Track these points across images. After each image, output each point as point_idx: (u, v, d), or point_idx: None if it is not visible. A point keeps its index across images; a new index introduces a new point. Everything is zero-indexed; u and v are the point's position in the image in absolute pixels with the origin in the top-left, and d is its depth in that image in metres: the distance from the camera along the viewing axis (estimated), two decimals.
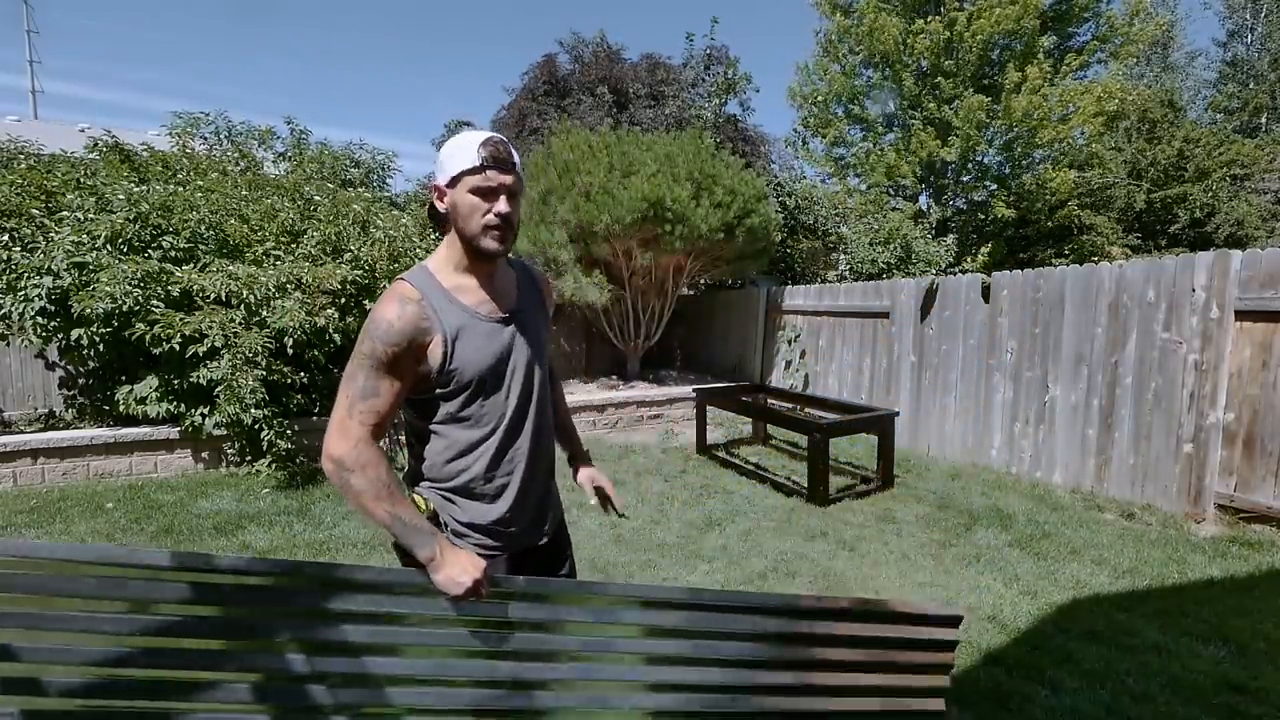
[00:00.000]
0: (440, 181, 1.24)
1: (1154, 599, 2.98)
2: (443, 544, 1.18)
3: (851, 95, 13.19)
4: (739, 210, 7.29)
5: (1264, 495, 3.73)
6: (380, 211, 6.09)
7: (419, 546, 1.16)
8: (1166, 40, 21.61)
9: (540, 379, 1.38)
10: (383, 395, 1.18)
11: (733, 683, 1.38)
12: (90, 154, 6.21)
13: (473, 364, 1.25)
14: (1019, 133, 11.62)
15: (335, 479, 1.15)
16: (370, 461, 1.14)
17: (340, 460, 1.14)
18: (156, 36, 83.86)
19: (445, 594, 1.16)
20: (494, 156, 1.19)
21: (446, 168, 1.22)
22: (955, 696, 2.21)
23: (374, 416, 1.17)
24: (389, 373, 1.18)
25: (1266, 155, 15.80)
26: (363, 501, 1.14)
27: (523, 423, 1.34)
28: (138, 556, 1.07)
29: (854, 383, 6.91)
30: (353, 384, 1.18)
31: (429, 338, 1.20)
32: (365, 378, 1.17)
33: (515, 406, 1.32)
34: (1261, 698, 2.22)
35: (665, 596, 1.35)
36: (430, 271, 1.28)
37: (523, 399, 1.33)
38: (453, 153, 1.21)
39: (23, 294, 4.48)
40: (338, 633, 1.16)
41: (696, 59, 12.30)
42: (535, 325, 1.38)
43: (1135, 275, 4.34)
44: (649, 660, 1.35)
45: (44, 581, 1.03)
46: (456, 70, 75.52)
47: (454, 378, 1.24)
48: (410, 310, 1.19)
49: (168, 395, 4.79)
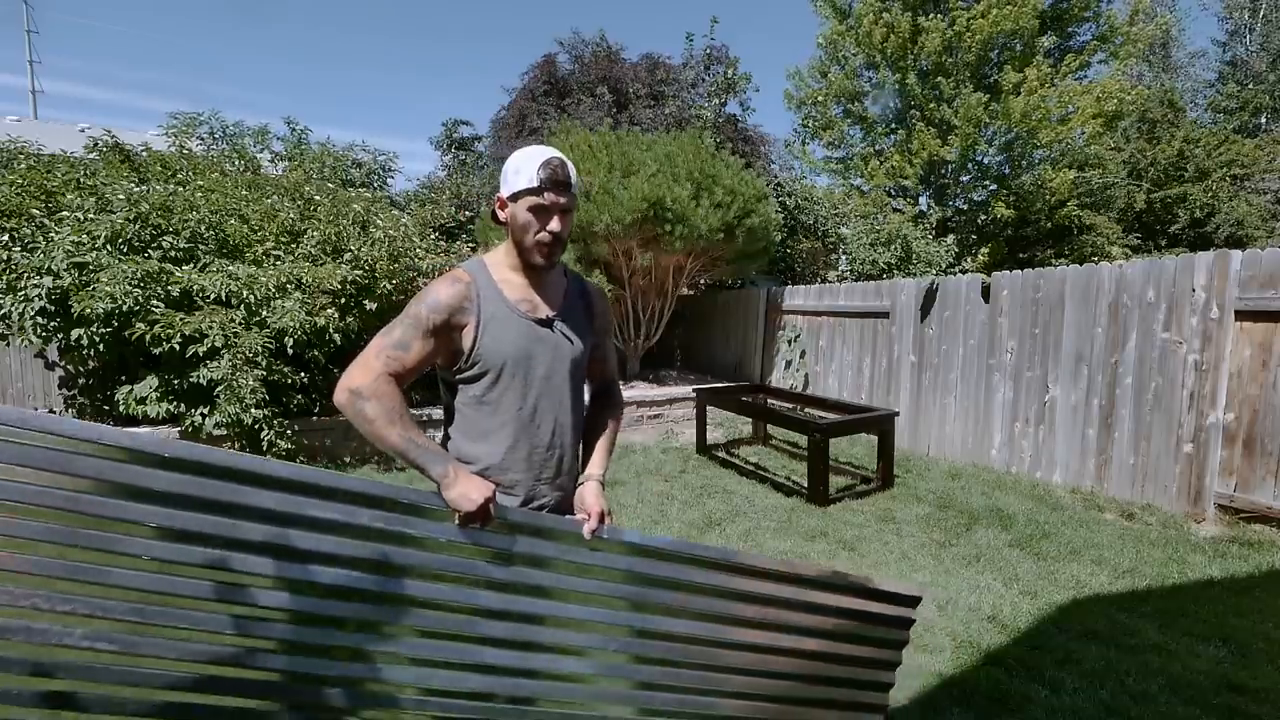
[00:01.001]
0: (503, 194, 1.35)
1: (1154, 599, 2.98)
2: (455, 464, 1.24)
3: (852, 96, 13.19)
4: (739, 210, 7.29)
5: (1264, 495, 3.73)
6: (380, 211, 6.09)
7: (432, 464, 1.22)
8: (1167, 40, 21.62)
9: (569, 386, 1.43)
10: (413, 351, 1.27)
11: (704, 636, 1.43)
12: (90, 154, 6.21)
13: (497, 352, 1.33)
14: (1019, 133, 11.62)
15: (349, 407, 1.21)
16: (385, 392, 1.22)
17: (357, 389, 1.21)
18: (156, 36, 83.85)
19: (455, 509, 1.20)
20: (552, 179, 1.30)
21: (510, 182, 1.32)
22: (956, 696, 2.21)
23: (398, 364, 1.25)
24: (425, 336, 1.28)
25: (1266, 155, 15.80)
26: (376, 427, 1.20)
27: (542, 423, 1.39)
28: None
29: (854, 383, 6.91)
30: (389, 334, 1.27)
31: (466, 318, 1.31)
32: (403, 332, 1.27)
33: (534, 405, 1.38)
34: (1261, 698, 2.22)
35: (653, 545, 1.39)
36: (486, 264, 1.39)
37: (544, 399, 1.39)
38: (517, 168, 1.31)
39: (23, 294, 4.48)
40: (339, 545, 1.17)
41: (696, 59, 12.30)
42: (572, 334, 1.43)
43: (1135, 275, 4.34)
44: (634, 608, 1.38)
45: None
46: (457, 70, 75.56)
47: (478, 361, 1.33)
48: (459, 289, 1.31)
49: (168, 395, 4.79)
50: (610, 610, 1.36)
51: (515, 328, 1.35)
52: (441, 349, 1.32)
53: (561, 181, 1.31)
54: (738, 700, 1.49)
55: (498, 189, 1.38)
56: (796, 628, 1.53)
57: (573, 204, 1.35)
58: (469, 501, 1.19)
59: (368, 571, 1.19)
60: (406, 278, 5.58)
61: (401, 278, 5.51)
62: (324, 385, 5.54)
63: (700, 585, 1.41)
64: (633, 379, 8.54)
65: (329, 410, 5.58)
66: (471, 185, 10.85)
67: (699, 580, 1.41)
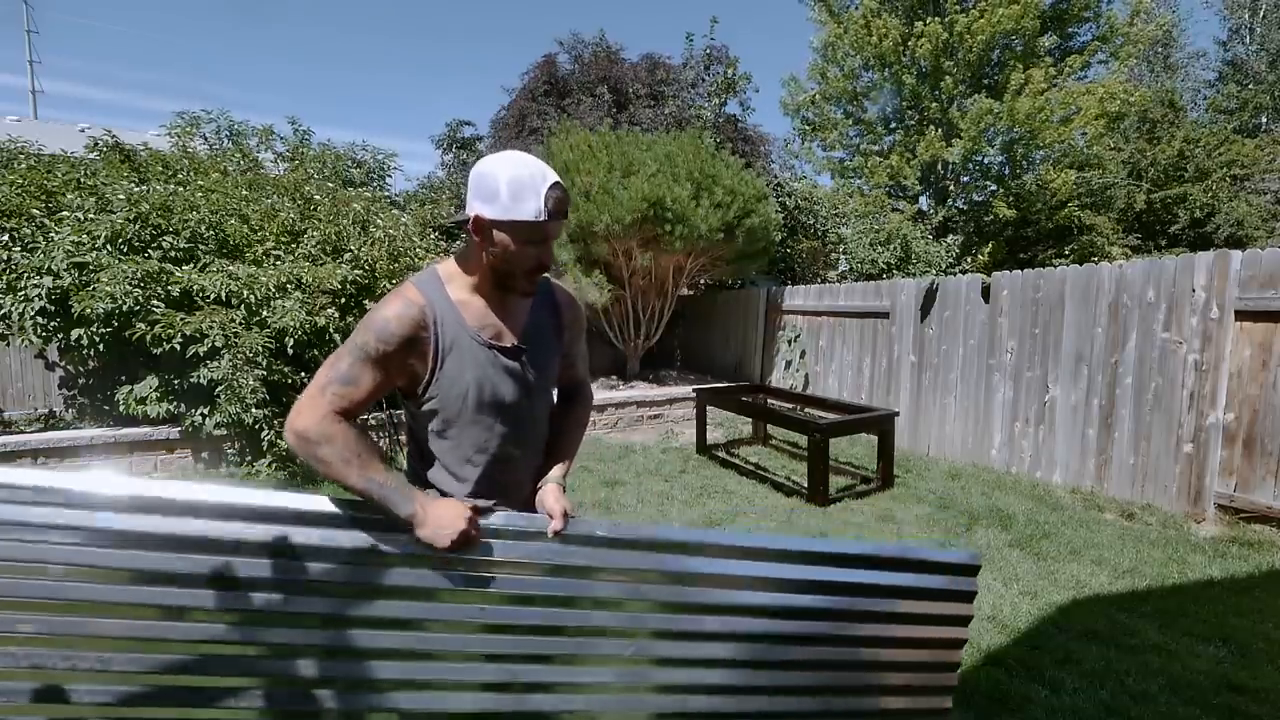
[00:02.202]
0: (488, 214, 1.15)
1: (1154, 599, 2.98)
2: (422, 500, 1.15)
3: (851, 97, 13.19)
4: (739, 210, 7.29)
5: (1264, 495, 3.73)
6: (380, 211, 6.09)
7: (399, 505, 1.13)
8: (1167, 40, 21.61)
9: (536, 414, 1.33)
10: (361, 386, 1.15)
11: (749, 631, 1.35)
12: (90, 154, 6.21)
13: (457, 383, 1.21)
14: (1020, 134, 11.62)
15: (302, 452, 1.12)
16: (335, 434, 1.12)
17: (303, 433, 1.11)
18: (157, 36, 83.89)
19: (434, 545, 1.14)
20: (557, 211, 1.16)
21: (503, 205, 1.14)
22: (955, 697, 2.21)
23: (345, 401, 1.14)
24: (374, 367, 1.16)
25: (1266, 155, 15.79)
26: (332, 471, 1.11)
27: (510, 457, 1.30)
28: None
29: (854, 383, 6.91)
30: (335, 367, 1.15)
31: (422, 347, 1.18)
32: (349, 366, 1.15)
33: (501, 439, 1.28)
34: (1261, 698, 2.22)
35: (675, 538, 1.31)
36: (441, 280, 1.24)
37: (511, 431, 1.29)
38: (514, 193, 1.13)
39: (23, 294, 4.48)
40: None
41: (696, 59, 12.30)
42: (542, 361, 1.32)
43: (1135, 275, 4.34)
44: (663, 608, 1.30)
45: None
46: (457, 70, 75.59)
47: (437, 394, 1.22)
48: (411, 315, 1.17)
49: (168, 395, 4.79)
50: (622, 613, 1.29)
51: (475, 357, 1.21)
52: (395, 378, 1.20)
53: (563, 211, 1.18)
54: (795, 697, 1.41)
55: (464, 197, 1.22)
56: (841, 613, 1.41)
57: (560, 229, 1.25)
58: (444, 537, 1.13)
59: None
60: (406, 278, 5.58)
61: (402, 278, 5.51)
62: None
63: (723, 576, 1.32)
64: (633, 379, 8.54)
65: None
66: None
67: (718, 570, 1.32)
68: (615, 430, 6.84)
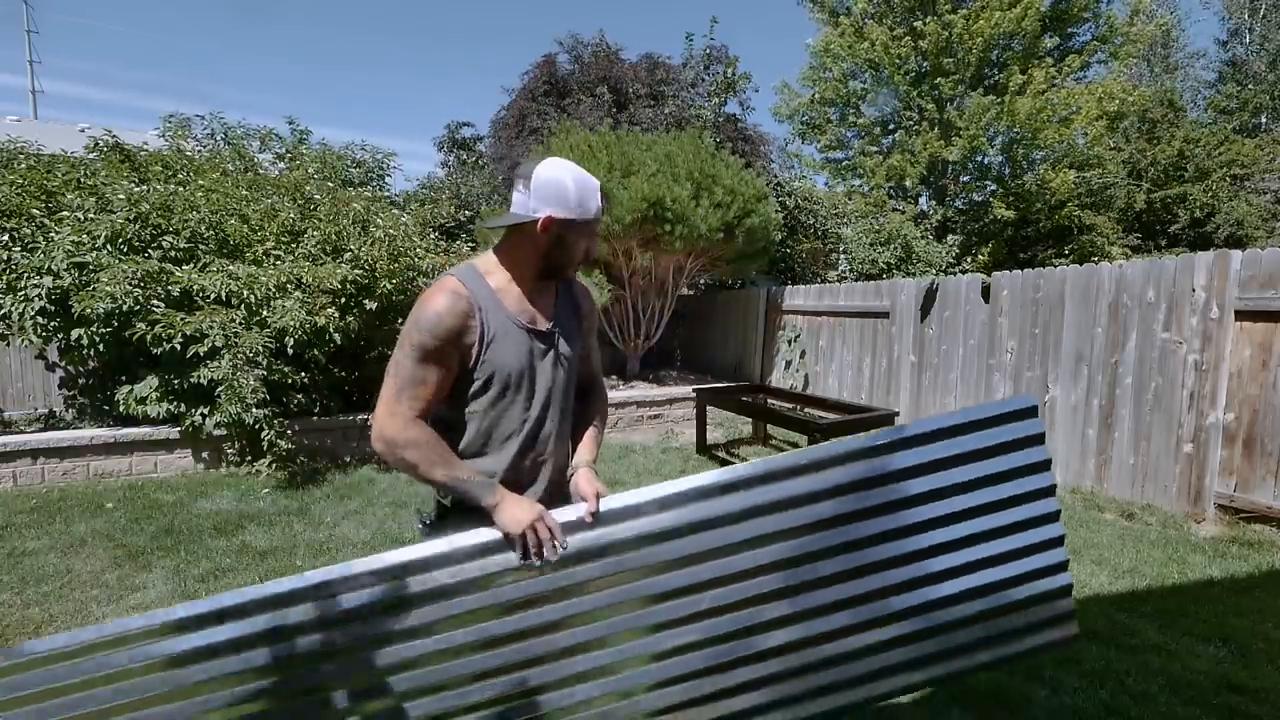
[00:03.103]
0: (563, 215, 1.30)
1: (1154, 599, 2.98)
2: (502, 492, 1.27)
3: (846, 100, 13.20)
4: (739, 210, 7.29)
5: (1264, 495, 3.73)
6: (380, 211, 6.09)
7: (481, 496, 1.26)
8: (1166, 40, 21.61)
9: (564, 396, 1.44)
10: (429, 383, 1.26)
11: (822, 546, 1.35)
12: (91, 154, 6.21)
13: (503, 366, 1.32)
14: (1021, 133, 11.62)
15: (389, 456, 1.25)
16: (419, 438, 1.24)
17: (392, 440, 1.24)
18: (156, 36, 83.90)
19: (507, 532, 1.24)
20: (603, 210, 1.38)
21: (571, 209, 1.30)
22: (955, 696, 2.21)
23: (420, 403, 1.26)
24: (434, 362, 1.26)
25: (1266, 155, 15.79)
26: (419, 472, 1.25)
27: (541, 435, 1.40)
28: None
29: (854, 383, 6.91)
30: (400, 372, 1.26)
31: (471, 336, 1.29)
32: (413, 366, 1.25)
33: (536, 417, 1.38)
34: (1261, 698, 2.22)
35: (732, 477, 1.33)
36: (479, 272, 1.35)
37: (543, 411, 1.39)
38: (580, 200, 1.30)
39: (23, 294, 4.47)
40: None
41: (696, 59, 12.30)
42: (566, 343, 1.44)
43: (1135, 275, 4.34)
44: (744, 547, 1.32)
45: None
46: (457, 70, 75.59)
47: (482, 376, 1.32)
48: (460, 307, 1.27)
49: (168, 395, 4.79)
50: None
51: (517, 341, 1.34)
52: (451, 366, 1.30)
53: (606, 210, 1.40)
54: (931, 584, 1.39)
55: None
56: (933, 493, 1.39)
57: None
58: (518, 524, 1.23)
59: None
60: (406, 277, 5.58)
61: (401, 277, 5.51)
62: (324, 385, 5.54)
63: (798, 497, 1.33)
64: (633, 379, 8.54)
65: (329, 410, 5.58)
66: (472, 185, 10.85)
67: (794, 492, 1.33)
68: (615, 430, 6.84)
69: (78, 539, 3.58)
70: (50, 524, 3.81)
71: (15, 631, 2.63)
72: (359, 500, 4.35)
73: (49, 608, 2.82)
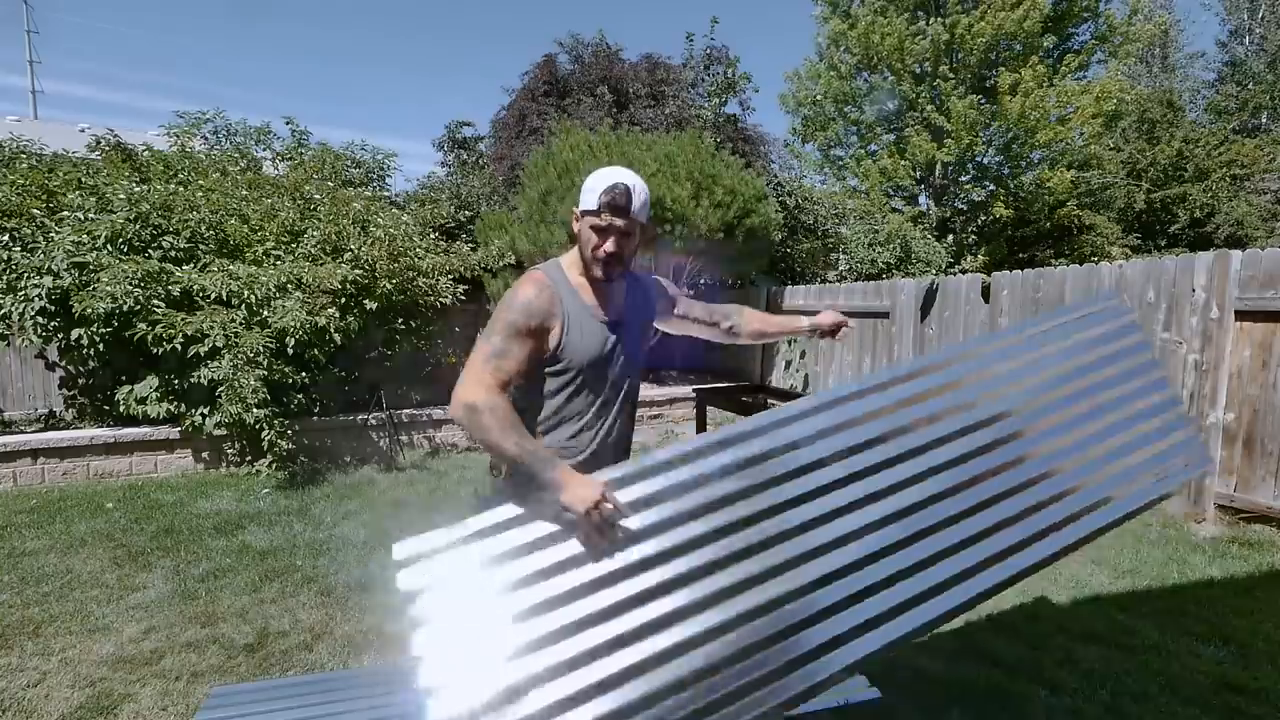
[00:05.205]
0: (576, 209, 1.46)
1: (1154, 599, 2.98)
2: (565, 468, 1.31)
3: (848, 99, 13.21)
4: (739, 210, 7.29)
5: (1264, 495, 3.73)
6: (380, 211, 6.09)
7: (545, 470, 1.29)
8: (1166, 41, 21.62)
9: (631, 380, 1.59)
10: (512, 357, 1.36)
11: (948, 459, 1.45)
12: (92, 154, 6.21)
13: (579, 353, 1.44)
14: (1017, 133, 11.62)
15: (466, 420, 1.30)
16: (498, 405, 1.30)
17: (473, 404, 1.29)
18: (156, 36, 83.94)
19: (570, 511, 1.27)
20: (610, 204, 1.39)
21: (583, 200, 1.43)
22: (955, 696, 2.21)
23: (504, 374, 1.35)
24: (521, 341, 1.37)
25: (1266, 155, 15.80)
26: (492, 437, 1.28)
27: (609, 417, 1.54)
28: None
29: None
30: (489, 344, 1.36)
31: (554, 321, 1.41)
32: (502, 340, 1.35)
33: (604, 401, 1.51)
34: (1261, 698, 2.22)
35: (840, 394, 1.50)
36: (562, 267, 1.50)
37: (611, 396, 1.53)
38: (590, 187, 1.41)
39: (23, 294, 4.48)
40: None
41: (696, 59, 12.30)
42: (634, 335, 1.58)
43: (1135, 275, 4.34)
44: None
45: None
46: (457, 70, 75.63)
47: (562, 360, 1.43)
48: (546, 293, 1.40)
49: (168, 395, 4.79)
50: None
51: (592, 330, 1.46)
52: (535, 348, 1.39)
53: (620, 206, 1.39)
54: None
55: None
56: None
57: (632, 228, 1.44)
58: (582, 502, 1.25)
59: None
60: (406, 277, 5.58)
61: (401, 277, 5.51)
62: (325, 385, 5.54)
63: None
64: None
65: (329, 410, 5.58)
66: (471, 185, 10.85)
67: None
68: None
69: (78, 539, 3.58)
70: (50, 524, 3.81)
71: (15, 631, 2.62)
72: (359, 500, 4.35)
73: (49, 608, 2.82)
